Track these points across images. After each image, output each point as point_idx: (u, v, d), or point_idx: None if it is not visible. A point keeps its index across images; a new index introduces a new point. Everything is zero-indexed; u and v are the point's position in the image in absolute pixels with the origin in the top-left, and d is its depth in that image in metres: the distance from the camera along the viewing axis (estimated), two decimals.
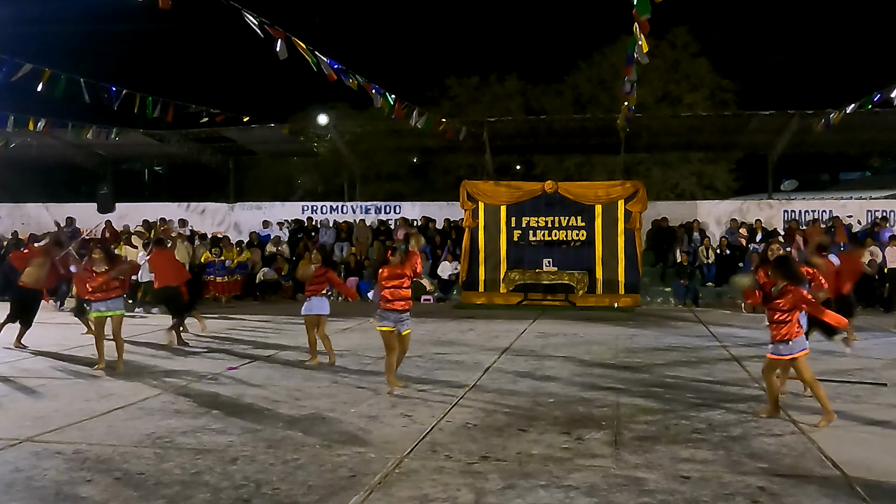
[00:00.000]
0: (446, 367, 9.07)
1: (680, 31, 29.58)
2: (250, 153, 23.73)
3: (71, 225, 21.88)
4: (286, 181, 35.10)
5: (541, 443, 5.80)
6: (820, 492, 4.73)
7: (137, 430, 6.12)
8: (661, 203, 21.00)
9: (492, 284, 17.35)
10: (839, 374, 8.61)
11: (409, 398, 7.35)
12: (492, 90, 32.96)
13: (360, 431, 6.13)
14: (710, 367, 9.18)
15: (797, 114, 17.90)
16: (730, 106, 28.18)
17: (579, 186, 18.02)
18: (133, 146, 22.07)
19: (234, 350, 10.48)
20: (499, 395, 7.53)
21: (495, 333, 12.16)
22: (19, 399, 7.37)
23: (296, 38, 10.70)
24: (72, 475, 5.02)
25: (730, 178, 30.99)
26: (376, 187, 30.21)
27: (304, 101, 31.76)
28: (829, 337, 9.03)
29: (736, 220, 19.19)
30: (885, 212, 19.11)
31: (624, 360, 9.52)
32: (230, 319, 14.22)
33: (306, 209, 21.99)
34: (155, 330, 12.21)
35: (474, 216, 17.59)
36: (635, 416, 6.65)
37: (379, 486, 4.81)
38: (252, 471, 5.11)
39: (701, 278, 17.68)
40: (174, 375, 8.52)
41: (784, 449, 5.64)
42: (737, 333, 12.27)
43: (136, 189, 34.19)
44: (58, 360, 9.52)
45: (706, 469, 5.18)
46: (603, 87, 30.58)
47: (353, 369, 8.93)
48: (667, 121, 21.61)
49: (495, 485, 4.84)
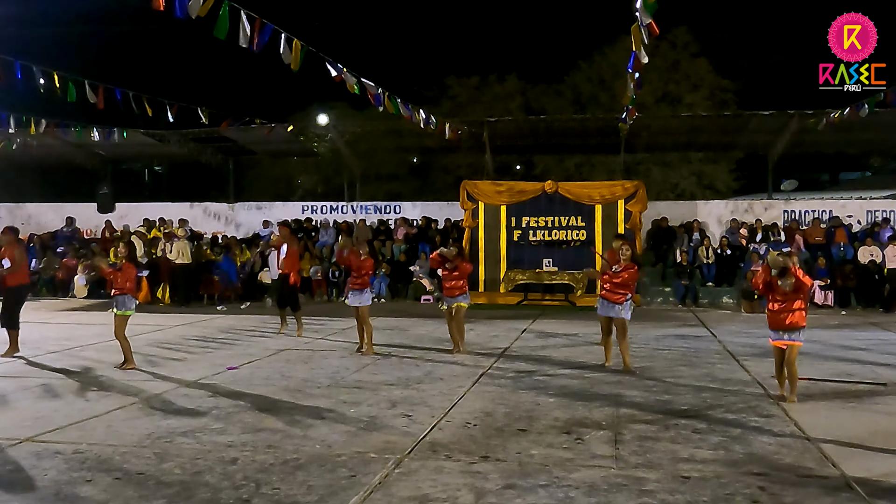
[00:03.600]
0: (446, 367, 9.07)
1: (680, 31, 29.57)
2: (250, 153, 23.73)
3: (71, 225, 21.91)
4: (286, 181, 35.10)
5: (541, 443, 5.80)
6: (820, 492, 4.73)
7: (137, 430, 6.11)
8: (661, 203, 21.00)
9: (492, 284, 17.35)
10: (839, 374, 8.61)
11: (409, 398, 7.35)
12: (492, 90, 32.95)
13: (360, 431, 6.13)
14: (710, 367, 9.18)
15: (797, 114, 17.89)
16: (730, 106, 28.17)
17: (579, 186, 18.02)
18: (133, 146, 22.06)
19: (235, 350, 10.48)
20: (499, 395, 7.53)
21: (495, 333, 12.17)
22: (19, 399, 7.36)
23: (297, 38, 10.70)
24: (72, 475, 5.02)
25: (730, 178, 30.99)
26: (376, 187, 30.21)
27: (304, 101, 31.80)
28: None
29: (737, 220, 19.19)
30: (885, 212, 19.10)
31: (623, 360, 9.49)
32: (230, 319, 14.21)
33: (306, 209, 22.00)
34: (155, 330, 12.21)
35: (474, 216, 17.60)
36: (635, 417, 6.65)
37: (379, 486, 4.81)
38: (252, 471, 5.11)
39: (701, 278, 17.68)
40: (174, 375, 8.52)
41: (784, 449, 5.64)
42: (737, 333, 12.27)
43: (136, 189, 34.21)
44: (58, 361, 9.52)
45: (706, 469, 5.18)
46: (603, 87, 30.57)
47: (354, 369, 8.93)
48: (667, 121, 21.59)
49: (495, 485, 4.84)
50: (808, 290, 7.38)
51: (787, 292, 7.22)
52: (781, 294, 7.28)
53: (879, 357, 9.92)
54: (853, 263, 16.90)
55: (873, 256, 16.63)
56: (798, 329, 7.27)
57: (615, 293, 9.05)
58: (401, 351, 10.35)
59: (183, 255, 17.08)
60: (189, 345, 10.97)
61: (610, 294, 9.09)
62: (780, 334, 7.35)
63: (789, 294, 7.24)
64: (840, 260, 17.24)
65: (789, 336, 7.29)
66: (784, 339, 7.31)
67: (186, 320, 13.98)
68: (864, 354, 10.13)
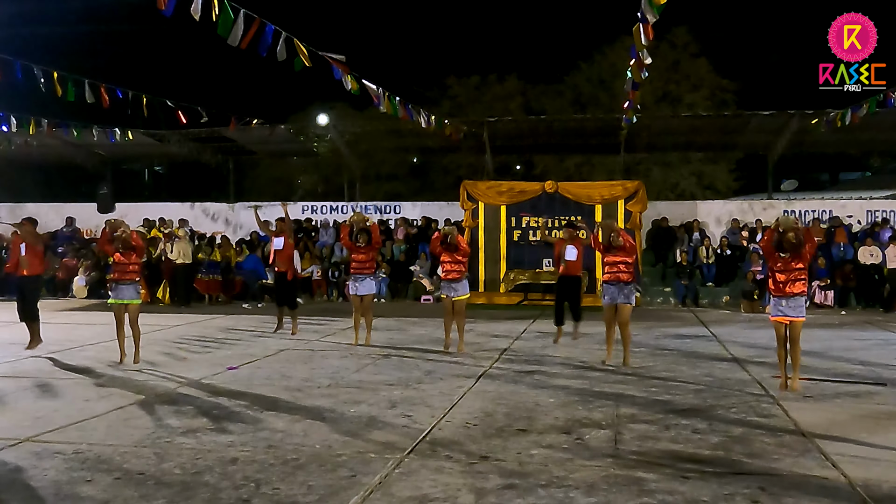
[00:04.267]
0: (446, 367, 9.07)
1: (680, 31, 29.54)
2: (250, 153, 23.72)
3: (71, 225, 21.90)
4: (286, 181, 35.09)
5: (541, 443, 5.80)
6: (820, 492, 4.73)
7: (137, 430, 6.11)
8: (661, 203, 20.98)
9: (492, 284, 17.35)
10: (839, 374, 8.61)
11: (409, 398, 7.35)
12: (492, 90, 32.93)
13: (361, 431, 6.13)
14: (710, 367, 9.18)
15: (797, 114, 17.89)
16: (730, 106, 28.15)
17: (579, 186, 18.01)
18: (133, 146, 22.02)
19: (235, 350, 10.48)
20: (499, 395, 7.53)
21: (495, 333, 12.17)
22: (19, 399, 7.37)
23: (296, 39, 10.69)
24: (72, 475, 5.02)
25: (730, 178, 30.97)
26: (376, 187, 30.20)
27: (304, 101, 31.80)
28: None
29: (738, 221, 19.19)
30: (885, 212, 19.10)
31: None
32: (230, 319, 14.21)
33: (306, 209, 21.99)
34: (154, 330, 12.21)
35: (474, 216, 17.59)
36: (635, 416, 6.65)
37: (379, 486, 4.81)
38: (252, 471, 5.10)
39: (701, 278, 17.68)
40: (174, 375, 8.52)
41: (784, 449, 5.64)
42: (737, 333, 12.27)
43: (136, 189, 34.21)
44: (58, 360, 9.52)
45: (706, 469, 5.17)
46: (603, 87, 30.55)
47: (354, 369, 8.93)
48: (667, 121, 21.57)
49: (495, 485, 4.83)
50: (810, 256, 7.58)
51: (790, 259, 7.30)
52: (784, 264, 7.36)
53: (879, 357, 9.91)
54: (853, 263, 16.90)
55: (873, 257, 16.63)
56: (801, 300, 7.33)
57: (620, 271, 9.15)
58: (401, 351, 10.35)
59: (184, 255, 17.11)
60: (189, 345, 10.97)
61: (615, 275, 9.18)
62: (782, 308, 7.38)
63: (791, 262, 7.31)
64: (840, 260, 17.25)
65: (792, 310, 7.32)
66: (787, 315, 7.34)
67: (186, 320, 13.99)
68: (864, 354, 10.13)
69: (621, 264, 9.18)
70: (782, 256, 7.42)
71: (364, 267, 10.57)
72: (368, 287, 10.55)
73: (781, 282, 7.43)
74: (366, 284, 10.55)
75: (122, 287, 9.24)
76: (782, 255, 7.41)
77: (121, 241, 9.23)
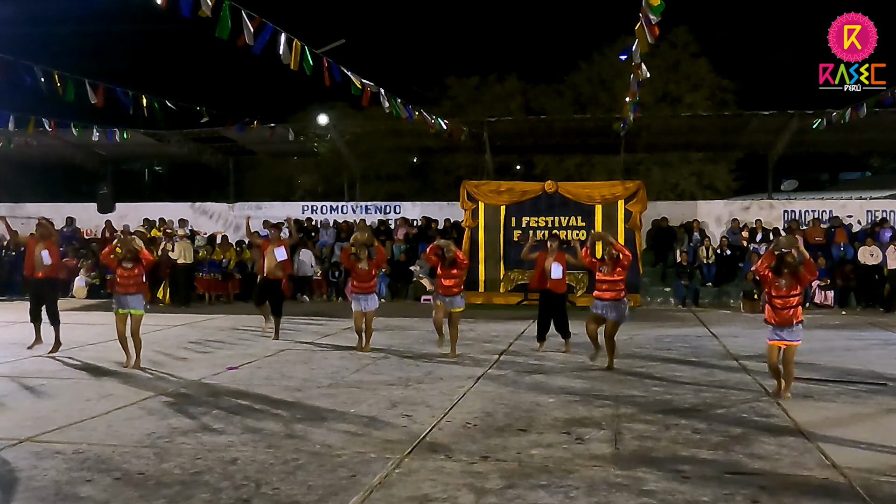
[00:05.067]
0: (446, 367, 9.07)
1: (680, 31, 29.52)
2: (250, 153, 23.73)
3: (71, 225, 21.89)
4: (286, 181, 35.09)
5: (541, 443, 5.80)
6: (820, 492, 4.73)
7: (137, 430, 6.11)
8: (661, 203, 20.97)
9: (491, 284, 17.35)
10: (839, 374, 8.61)
11: (409, 398, 7.35)
12: (492, 90, 32.91)
13: (361, 431, 6.13)
14: (710, 367, 9.18)
15: (797, 114, 17.89)
16: (730, 106, 28.13)
17: (579, 186, 18.01)
18: (133, 146, 22.03)
19: (235, 350, 10.48)
20: (499, 395, 7.53)
21: (495, 333, 12.17)
22: (19, 399, 7.37)
23: (297, 38, 10.69)
24: (72, 475, 5.02)
25: (730, 178, 30.95)
26: (376, 187, 30.17)
27: (304, 101, 31.78)
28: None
29: (738, 221, 19.18)
30: (885, 212, 19.09)
31: (624, 360, 9.50)
32: (230, 319, 14.21)
33: (306, 209, 21.99)
34: (154, 330, 12.20)
35: (474, 216, 17.58)
36: (635, 416, 6.65)
37: (379, 486, 4.81)
38: (252, 471, 5.10)
39: (701, 278, 17.68)
40: (174, 375, 8.52)
41: (784, 449, 5.64)
42: (737, 333, 12.27)
43: (136, 189, 34.19)
44: (58, 360, 9.52)
45: (706, 469, 5.17)
46: (603, 87, 30.54)
47: (354, 369, 8.93)
48: (667, 121, 21.57)
49: (495, 485, 4.83)
50: (807, 283, 7.49)
51: (788, 287, 7.24)
52: (782, 291, 7.28)
53: (879, 357, 9.91)
54: (853, 263, 16.90)
55: (873, 257, 16.62)
56: (797, 326, 7.29)
57: (615, 289, 8.96)
58: (401, 351, 10.35)
59: (185, 255, 17.11)
60: (189, 345, 10.97)
61: (609, 293, 8.98)
62: (780, 333, 7.33)
63: (789, 289, 7.26)
64: (840, 260, 17.25)
65: (789, 336, 7.29)
66: (784, 340, 7.31)
67: (186, 320, 13.99)
68: (864, 354, 10.14)
69: (618, 283, 8.95)
70: (779, 285, 7.30)
71: (369, 287, 10.43)
72: (374, 303, 10.44)
73: (779, 309, 7.32)
74: (371, 301, 10.44)
75: (128, 298, 9.14)
76: (779, 282, 7.29)
77: (130, 252, 9.11)
